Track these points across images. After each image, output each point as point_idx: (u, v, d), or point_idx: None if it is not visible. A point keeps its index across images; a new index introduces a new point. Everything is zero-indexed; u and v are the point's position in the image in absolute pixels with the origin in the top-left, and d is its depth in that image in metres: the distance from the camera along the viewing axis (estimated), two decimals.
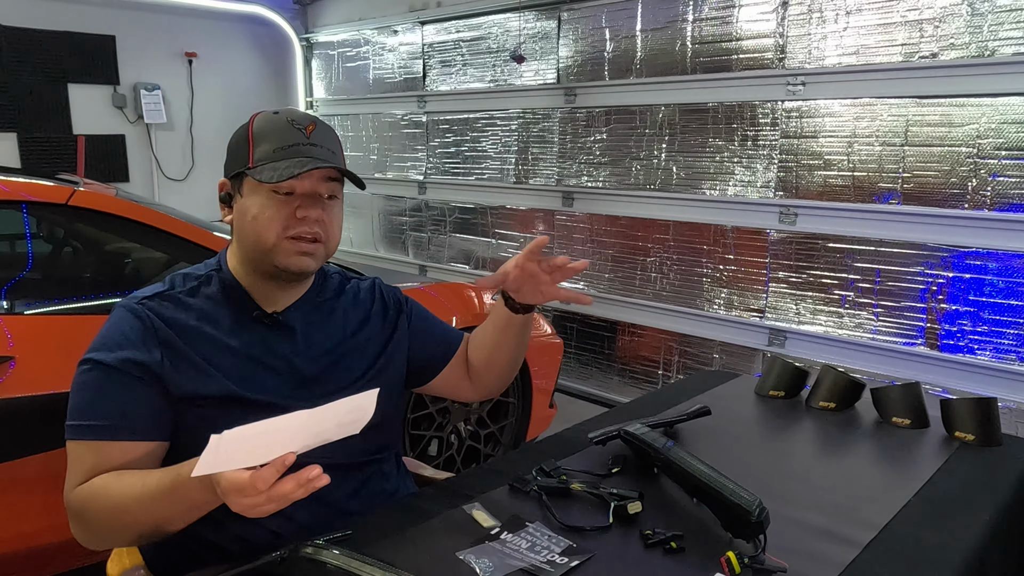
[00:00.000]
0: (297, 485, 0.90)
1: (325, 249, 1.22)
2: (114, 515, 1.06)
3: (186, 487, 0.97)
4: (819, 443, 1.59)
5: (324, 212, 1.20)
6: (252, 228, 1.19)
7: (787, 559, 1.06)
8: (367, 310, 1.37)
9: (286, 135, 1.18)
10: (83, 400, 1.12)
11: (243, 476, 0.88)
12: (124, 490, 1.05)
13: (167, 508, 1.02)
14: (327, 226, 1.21)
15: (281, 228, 1.17)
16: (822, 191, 3.18)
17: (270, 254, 1.18)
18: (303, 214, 1.17)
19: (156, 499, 1.01)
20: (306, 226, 1.18)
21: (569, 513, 1.20)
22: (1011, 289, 2.75)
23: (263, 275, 1.23)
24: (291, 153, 1.16)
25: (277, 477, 0.89)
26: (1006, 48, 2.67)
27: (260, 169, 1.16)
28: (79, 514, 1.09)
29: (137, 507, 1.03)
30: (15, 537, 1.95)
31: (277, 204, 1.17)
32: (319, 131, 1.21)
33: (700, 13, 3.50)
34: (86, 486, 1.08)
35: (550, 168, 4.29)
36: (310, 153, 1.17)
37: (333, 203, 1.22)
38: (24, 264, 2.21)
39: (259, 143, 1.18)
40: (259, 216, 1.17)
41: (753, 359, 3.51)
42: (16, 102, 4.79)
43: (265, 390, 1.18)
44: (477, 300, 2.94)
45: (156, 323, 1.16)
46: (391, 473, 1.35)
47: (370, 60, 5.46)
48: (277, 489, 0.89)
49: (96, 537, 1.11)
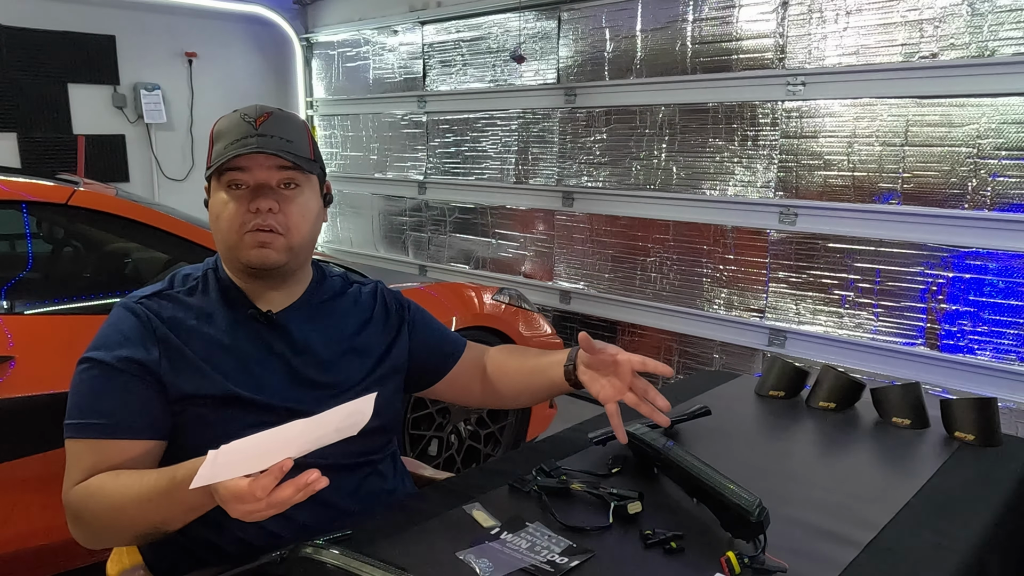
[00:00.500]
0: (296, 490, 0.90)
1: (287, 240, 1.19)
2: (112, 515, 1.06)
3: (182, 490, 0.96)
4: (819, 443, 1.59)
5: (280, 203, 1.18)
6: (217, 227, 1.20)
7: (787, 559, 1.06)
8: (368, 313, 1.37)
9: (237, 129, 1.18)
10: (82, 399, 1.12)
11: (241, 484, 0.89)
12: (122, 490, 1.04)
13: (164, 510, 1.02)
14: (286, 217, 1.18)
15: (239, 224, 1.16)
16: (822, 191, 3.18)
17: (234, 250, 1.19)
18: (255, 206, 1.16)
19: (153, 500, 1.01)
20: (259, 218, 1.16)
21: (569, 513, 1.20)
22: (1011, 289, 2.75)
23: (241, 274, 1.23)
24: (239, 146, 1.15)
25: (276, 484, 0.89)
26: (1006, 48, 2.67)
27: (213, 165, 1.17)
28: (77, 513, 1.09)
29: (135, 508, 1.03)
30: (15, 537, 1.95)
31: (234, 199, 1.17)
32: (272, 122, 1.19)
33: (700, 13, 3.50)
34: (84, 485, 1.08)
35: (550, 168, 4.29)
36: (257, 143, 1.16)
37: (293, 193, 1.20)
38: (24, 264, 2.21)
39: (216, 142, 1.19)
40: (220, 214, 1.18)
41: (753, 359, 3.51)
42: (16, 102, 4.80)
43: (262, 389, 1.18)
44: (477, 300, 2.94)
45: (155, 322, 1.16)
46: (388, 473, 1.34)
47: (370, 60, 5.46)
48: (276, 495, 0.89)
49: (95, 536, 1.11)
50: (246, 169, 1.16)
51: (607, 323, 4.08)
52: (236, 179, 1.17)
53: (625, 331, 4.00)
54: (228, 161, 1.15)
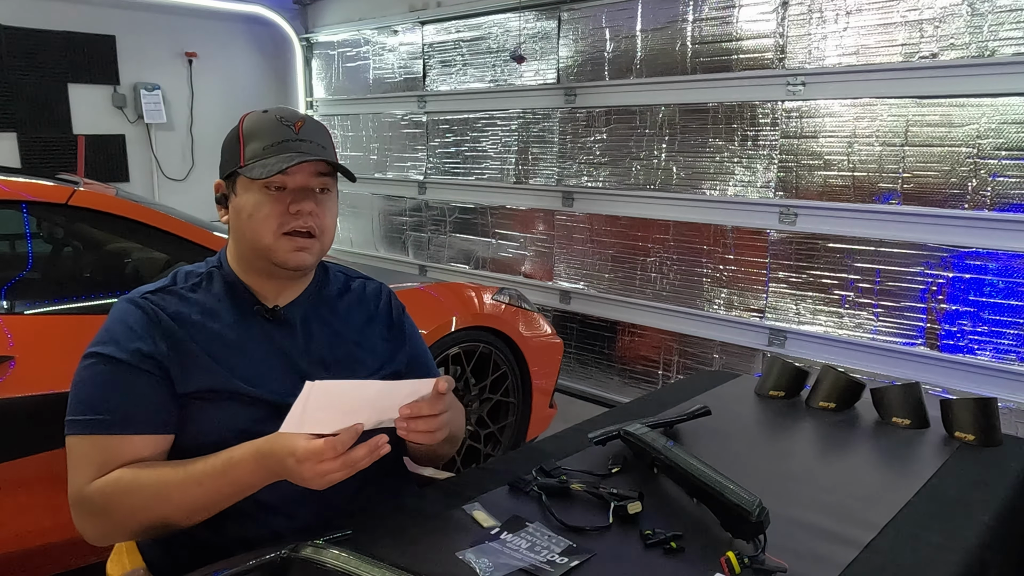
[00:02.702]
0: (368, 451, 0.99)
1: (320, 244, 1.22)
2: (146, 503, 1.06)
3: (239, 468, 1.04)
4: (819, 443, 1.59)
5: (317, 206, 1.20)
6: (248, 226, 1.19)
7: (787, 559, 1.06)
8: (372, 310, 1.37)
9: (275, 132, 1.19)
10: (88, 394, 1.11)
11: (318, 443, 0.97)
12: (161, 477, 1.06)
13: (214, 492, 1.06)
14: (321, 219, 1.21)
15: (276, 225, 1.18)
16: (822, 191, 3.18)
17: (267, 251, 1.19)
18: (296, 208, 1.17)
19: (204, 484, 1.05)
20: (300, 220, 1.18)
21: (569, 513, 1.20)
22: (1011, 289, 2.75)
23: (261, 272, 1.24)
24: (280, 149, 1.17)
25: (351, 444, 0.98)
26: (1006, 48, 2.67)
27: (251, 167, 1.17)
28: (102, 507, 1.08)
29: (179, 493, 1.05)
30: (15, 537, 1.95)
31: (271, 201, 1.18)
32: (308, 127, 1.22)
33: (700, 13, 3.50)
34: (108, 480, 1.07)
35: (550, 168, 4.29)
36: (299, 148, 1.18)
37: (326, 197, 1.23)
38: (24, 264, 2.21)
39: (249, 142, 1.19)
40: (254, 214, 1.18)
41: (753, 359, 3.51)
42: (16, 102, 4.80)
43: (266, 385, 1.18)
44: (477, 300, 2.94)
45: (160, 316, 1.17)
46: (391, 473, 1.34)
47: (370, 60, 5.46)
48: (351, 455, 0.98)
49: (116, 528, 1.10)
50: (289, 173, 1.17)
51: (607, 323, 4.08)
52: (279, 182, 1.18)
53: (625, 331, 4.00)
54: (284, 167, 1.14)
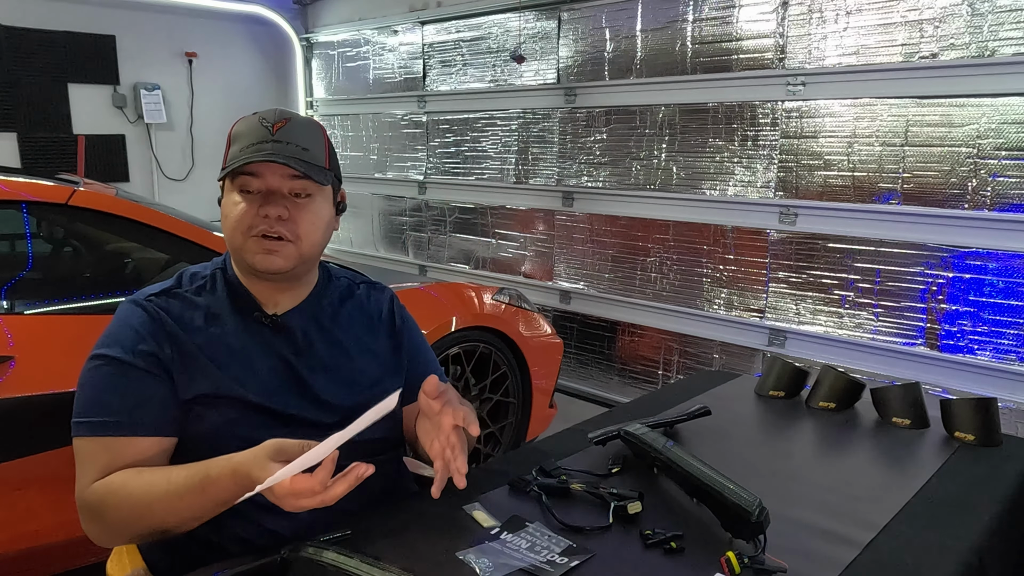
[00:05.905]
0: (347, 487, 0.96)
1: (296, 249, 1.18)
2: (135, 513, 1.05)
3: (217, 486, 1.00)
4: (819, 443, 1.59)
5: (291, 210, 1.17)
6: (225, 227, 1.20)
7: (787, 559, 1.06)
8: (375, 316, 1.36)
9: (254, 133, 1.17)
10: (94, 396, 1.11)
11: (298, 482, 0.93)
12: (148, 488, 1.05)
13: (197, 507, 1.04)
14: (294, 225, 1.17)
15: (246, 226, 1.16)
16: (822, 191, 3.18)
17: (240, 252, 1.19)
18: (264, 212, 1.15)
19: (184, 498, 1.03)
20: (266, 225, 1.15)
21: (569, 513, 1.20)
22: (1011, 289, 2.75)
23: (249, 275, 1.23)
24: (254, 150, 1.15)
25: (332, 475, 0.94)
26: (1006, 48, 2.67)
27: (227, 167, 1.17)
28: (98, 511, 1.08)
29: (163, 505, 1.04)
30: (16, 537, 1.95)
31: (244, 202, 1.17)
32: (289, 128, 1.18)
33: (700, 13, 3.50)
34: (104, 483, 1.07)
35: (550, 168, 4.29)
36: (270, 150, 1.15)
37: (306, 202, 1.19)
38: (24, 264, 2.21)
39: (233, 143, 1.19)
40: (228, 215, 1.18)
41: (753, 359, 3.51)
42: (16, 102, 4.79)
43: (267, 391, 1.18)
44: (477, 300, 2.94)
45: (165, 319, 1.16)
46: (390, 474, 1.34)
47: (370, 60, 5.46)
48: (330, 492, 0.95)
49: (114, 533, 1.11)
50: (258, 175, 1.16)
51: (607, 323, 4.08)
52: (247, 184, 1.17)
53: (625, 331, 4.00)
54: (241, 166, 1.14)
